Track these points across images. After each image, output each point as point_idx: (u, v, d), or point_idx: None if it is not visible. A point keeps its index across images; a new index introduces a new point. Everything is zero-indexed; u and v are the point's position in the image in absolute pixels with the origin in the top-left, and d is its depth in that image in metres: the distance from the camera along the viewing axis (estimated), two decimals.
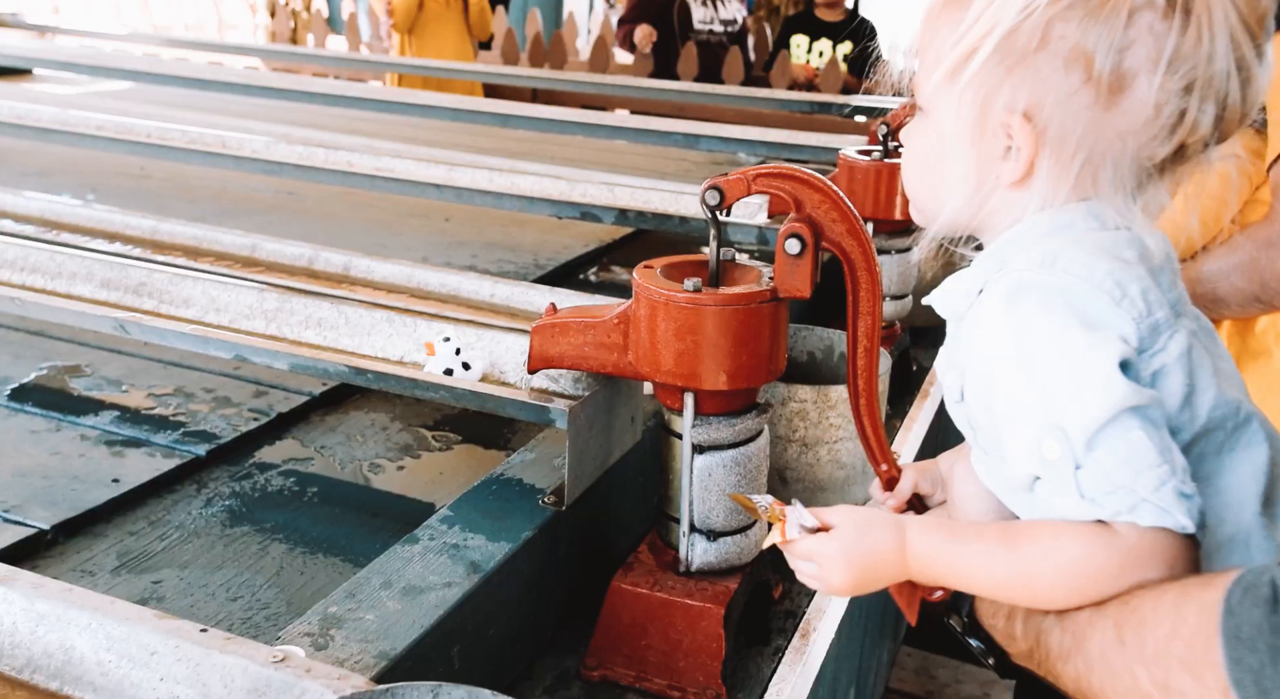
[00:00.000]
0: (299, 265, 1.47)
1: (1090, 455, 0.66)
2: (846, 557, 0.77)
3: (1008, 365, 0.70)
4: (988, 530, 0.74)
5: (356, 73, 4.61)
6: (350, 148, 2.12)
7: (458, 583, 0.87)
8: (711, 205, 0.92)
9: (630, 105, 4.13)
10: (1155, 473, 0.65)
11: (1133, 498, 0.65)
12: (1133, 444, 0.65)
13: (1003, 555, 0.71)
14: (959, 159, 0.75)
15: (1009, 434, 0.71)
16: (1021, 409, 0.69)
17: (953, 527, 0.77)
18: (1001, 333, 0.70)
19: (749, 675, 0.99)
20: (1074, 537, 0.68)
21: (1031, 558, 0.69)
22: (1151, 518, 0.65)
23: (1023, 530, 0.71)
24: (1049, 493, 0.69)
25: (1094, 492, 0.66)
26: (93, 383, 1.47)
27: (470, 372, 1.15)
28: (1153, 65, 0.67)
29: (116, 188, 2.46)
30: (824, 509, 0.80)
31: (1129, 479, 0.65)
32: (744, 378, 0.93)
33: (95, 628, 0.70)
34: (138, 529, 1.15)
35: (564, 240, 2.24)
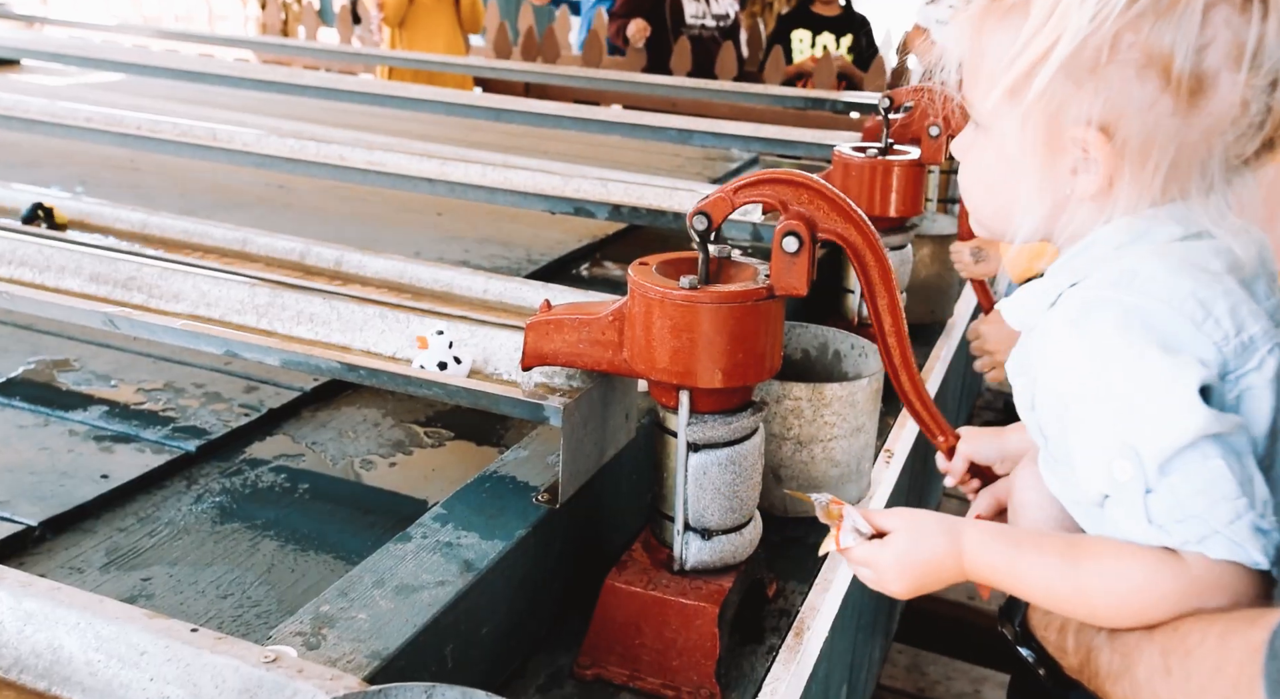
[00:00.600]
0: (290, 259, 1.46)
1: (1163, 480, 0.64)
2: (902, 564, 0.76)
3: (1082, 381, 0.68)
4: (1049, 542, 0.72)
5: (348, 65, 4.58)
6: (342, 141, 2.11)
7: (451, 581, 0.86)
8: (700, 231, 0.92)
9: (623, 100, 4.12)
10: (1232, 505, 0.63)
11: (1204, 528, 0.63)
12: (1211, 473, 0.63)
13: (1063, 570, 0.70)
14: (1029, 176, 0.72)
15: (1080, 449, 0.69)
16: (1094, 427, 0.67)
17: (1013, 535, 0.75)
18: (1076, 348, 0.68)
19: (743, 674, 0.99)
20: (1138, 561, 0.66)
21: (1092, 577, 0.68)
22: (1223, 551, 0.63)
23: (1086, 547, 0.70)
24: (1117, 513, 0.67)
25: (1163, 518, 0.64)
26: (81, 377, 1.46)
27: (461, 366, 1.15)
28: (1234, 62, 0.64)
29: (106, 180, 2.44)
30: (880, 513, 0.80)
31: (1203, 509, 0.63)
32: (740, 376, 0.93)
33: (84, 627, 0.69)
34: (127, 526, 1.14)
35: (557, 235, 2.23)
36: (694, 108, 3.54)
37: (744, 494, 0.98)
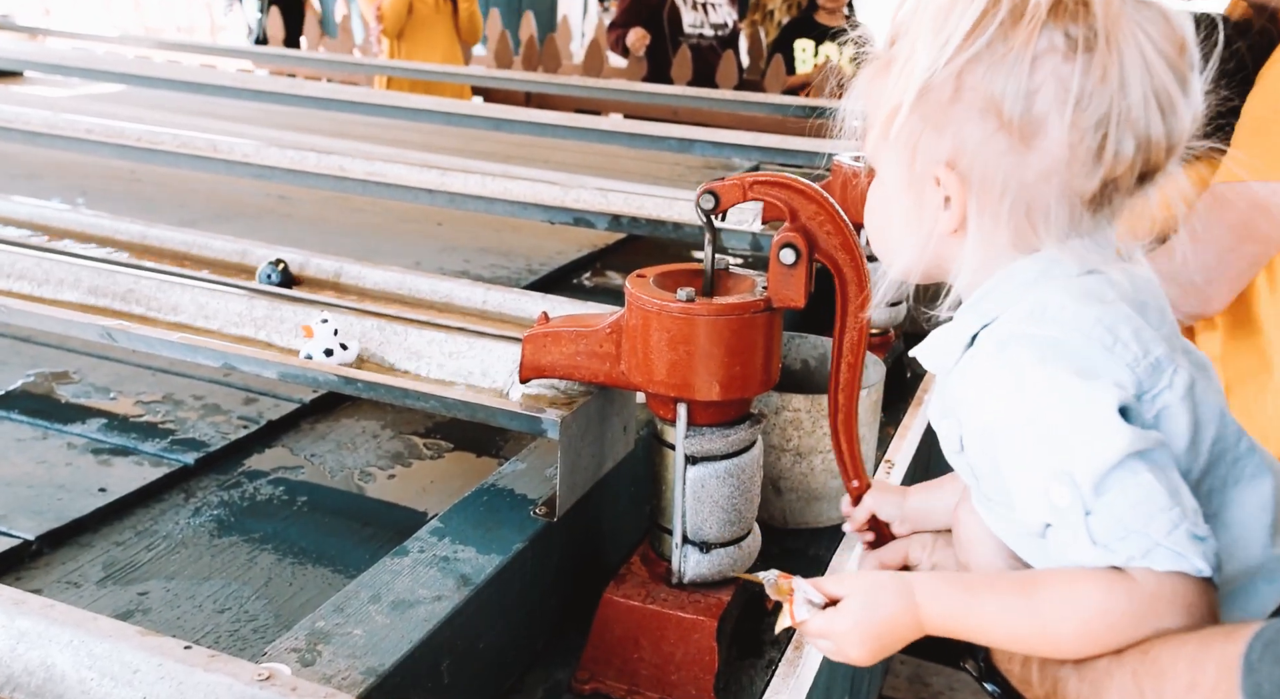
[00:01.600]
0: (291, 270, 1.46)
1: (1100, 500, 0.66)
2: (860, 631, 0.76)
3: (1008, 414, 0.70)
4: (1001, 582, 0.73)
5: (349, 76, 4.59)
6: (342, 152, 2.11)
7: (448, 596, 0.86)
8: (706, 209, 0.92)
9: (624, 109, 4.12)
10: (1167, 516, 0.65)
11: (1146, 542, 0.65)
12: (1142, 487, 0.65)
13: (1019, 607, 0.70)
14: (902, 210, 0.77)
15: (1015, 483, 0.71)
16: (1026, 458, 0.69)
17: (964, 581, 0.76)
18: (999, 383, 0.70)
19: (742, 688, 0.98)
20: (1091, 584, 0.67)
21: (1049, 607, 0.69)
22: (1167, 562, 0.65)
23: (1038, 580, 0.71)
24: (1061, 540, 0.68)
25: (1106, 537, 0.66)
26: (80, 390, 1.46)
27: (348, 352, 1.17)
28: (1061, 106, 0.68)
29: (107, 192, 2.45)
30: (831, 580, 0.79)
31: (1141, 523, 0.65)
32: (738, 388, 0.92)
33: (77, 645, 0.68)
34: (124, 539, 1.14)
35: (557, 245, 2.23)
36: (694, 117, 3.54)
37: (743, 507, 0.98)
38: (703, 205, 0.92)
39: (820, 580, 0.79)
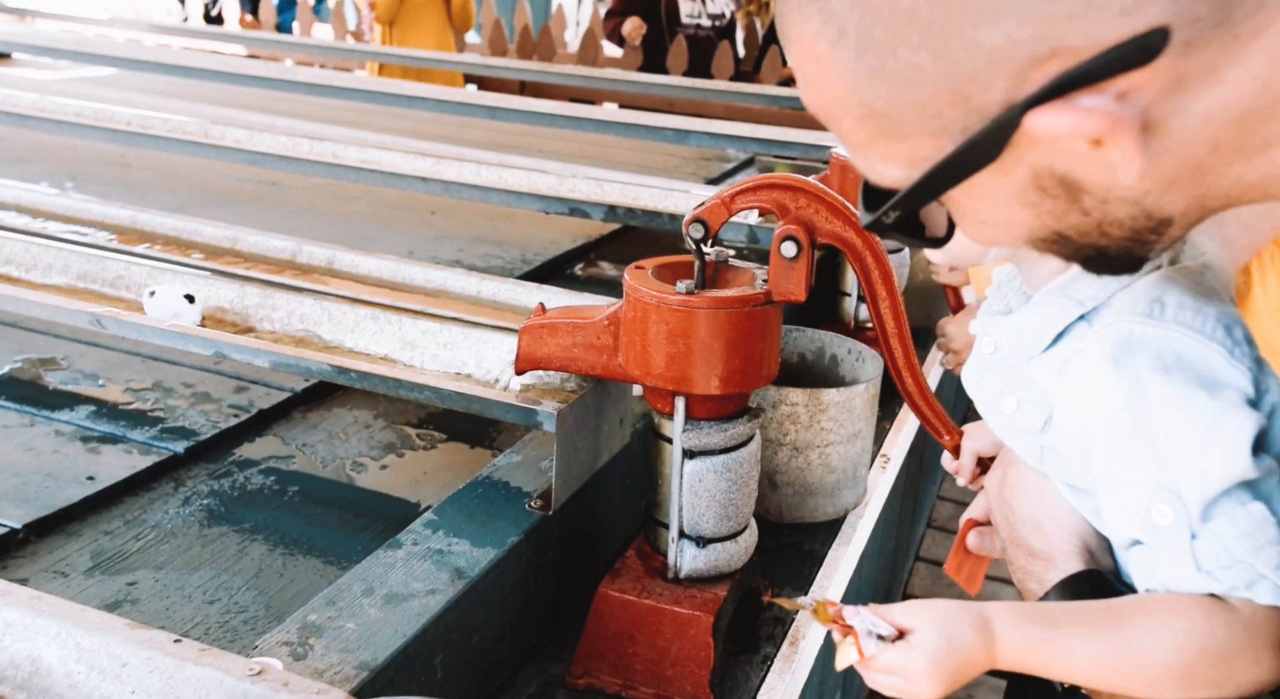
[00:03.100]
0: (282, 258, 1.44)
1: (1207, 525, 0.63)
2: (937, 668, 0.69)
3: (1118, 425, 0.66)
4: (1086, 612, 0.69)
5: (341, 62, 4.56)
6: (336, 139, 2.09)
7: (441, 590, 0.85)
8: (697, 239, 0.91)
9: (619, 99, 4.10)
10: (1277, 549, 0.62)
11: (1251, 574, 0.63)
12: (1253, 517, 0.63)
13: (1109, 636, 0.66)
14: None
15: (1110, 495, 0.68)
16: (1131, 471, 0.66)
17: (1046, 611, 0.71)
18: (1115, 389, 0.66)
19: (737, 684, 0.97)
20: (1190, 613, 0.64)
21: (1143, 636, 0.65)
22: (1269, 596, 0.63)
23: (1128, 607, 0.67)
24: (1154, 560, 0.66)
25: (1211, 564, 0.63)
26: (68, 376, 1.44)
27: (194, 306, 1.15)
28: None
29: (96, 176, 2.42)
30: (894, 609, 0.72)
31: (1249, 554, 0.63)
32: (736, 382, 0.91)
33: (64, 637, 0.67)
34: (113, 529, 1.12)
35: (551, 235, 2.22)
36: (690, 107, 3.52)
37: (740, 502, 0.97)
38: (693, 235, 0.90)
39: (884, 610, 0.71)
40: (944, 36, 0.47)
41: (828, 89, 0.53)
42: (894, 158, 0.54)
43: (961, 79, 0.48)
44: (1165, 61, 0.46)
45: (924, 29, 0.48)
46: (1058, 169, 0.51)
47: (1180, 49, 0.46)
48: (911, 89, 0.50)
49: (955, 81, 0.49)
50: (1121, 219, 0.53)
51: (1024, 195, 0.53)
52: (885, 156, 0.54)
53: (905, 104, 0.51)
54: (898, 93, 0.50)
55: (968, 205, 0.57)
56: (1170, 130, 0.49)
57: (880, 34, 0.49)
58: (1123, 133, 0.47)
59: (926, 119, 0.51)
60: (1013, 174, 0.52)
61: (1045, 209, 0.54)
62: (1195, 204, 0.53)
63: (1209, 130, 0.49)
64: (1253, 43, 0.46)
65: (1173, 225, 0.54)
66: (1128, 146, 0.48)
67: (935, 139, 0.51)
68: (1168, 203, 0.53)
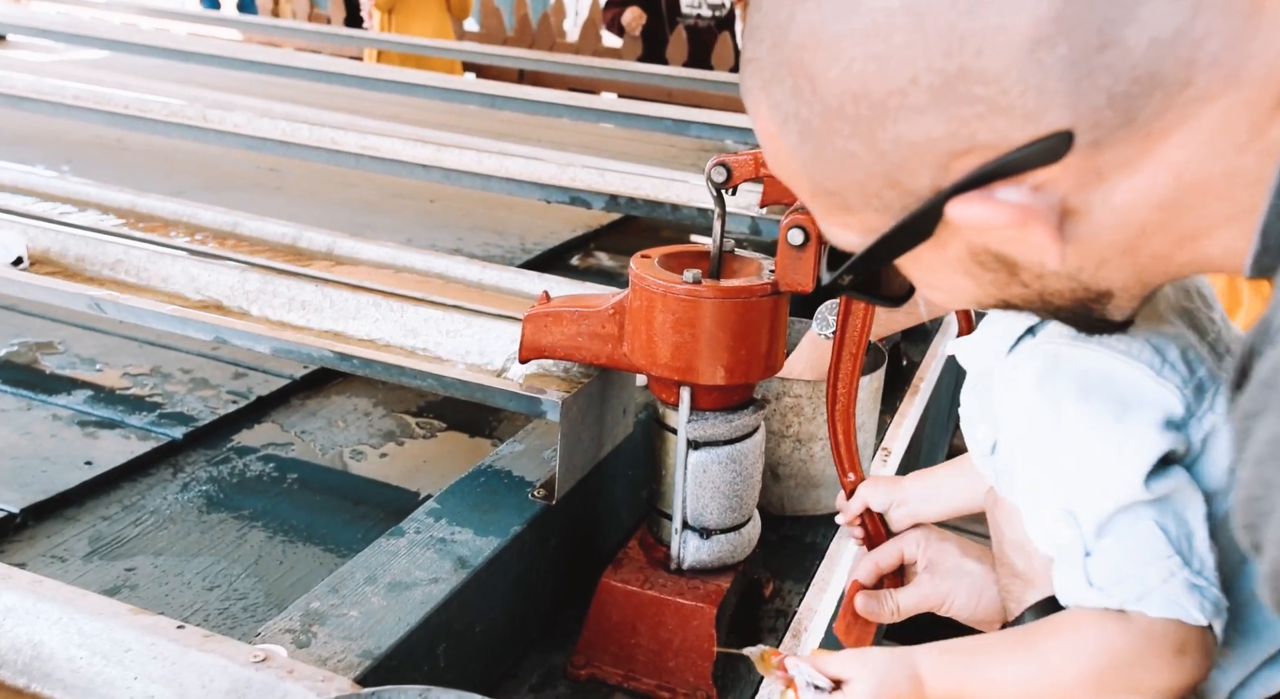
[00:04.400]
0: (282, 244, 1.43)
1: (1099, 543, 0.66)
2: None
3: (1035, 445, 0.69)
4: (1001, 641, 0.73)
5: (339, 48, 4.53)
6: (335, 125, 2.07)
7: (445, 579, 0.85)
8: (718, 183, 0.89)
9: (618, 89, 4.08)
10: (1165, 564, 0.65)
11: (1140, 588, 0.65)
12: (1141, 534, 0.65)
13: (1024, 658, 0.70)
14: None
15: (1027, 514, 0.71)
16: (1040, 490, 0.69)
17: (962, 645, 0.75)
18: (1034, 411, 0.69)
19: (739, 676, 0.97)
20: (1091, 625, 0.67)
21: (1053, 654, 0.69)
22: (1160, 609, 0.65)
23: (1039, 629, 0.71)
24: (1061, 575, 0.69)
25: (1102, 580, 0.66)
26: (65, 360, 1.43)
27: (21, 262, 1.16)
28: None
29: (93, 159, 2.40)
30: (826, 659, 0.76)
31: (1136, 569, 0.65)
32: (742, 373, 0.91)
33: (66, 622, 0.67)
34: (111, 514, 1.11)
35: (551, 225, 2.21)
36: (689, 98, 3.51)
37: (744, 493, 0.97)
38: (714, 178, 0.90)
39: (819, 661, 0.76)
40: (870, 130, 0.51)
41: (783, 165, 0.58)
42: (848, 227, 0.58)
43: (891, 166, 0.52)
44: (1075, 159, 0.49)
45: (853, 123, 0.52)
46: (991, 247, 0.55)
47: (1088, 148, 0.49)
48: (848, 173, 0.54)
49: (885, 168, 0.52)
50: (1060, 291, 0.57)
51: (964, 267, 0.57)
52: (840, 224, 0.59)
53: (846, 185, 0.55)
54: (838, 175, 0.55)
55: (915, 272, 0.61)
56: (1093, 216, 0.52)
57: (816, 125, 0.53)
58: (1035, 225, 0.51)
59: (868, 197, 0.55)
60: (950, 249, 0.56)
61: (986, 281, 0.58)
62: (1134, 279, 0.57)
63: (1134, 216, 0.52)
64: (1163, 141, 0.49)
65: (1114, 297, 0.58)
66: (1043, 236, 0.52)
67: (879, 214, 0.55)
68: (1103, 278, 0.56)
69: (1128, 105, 0.47)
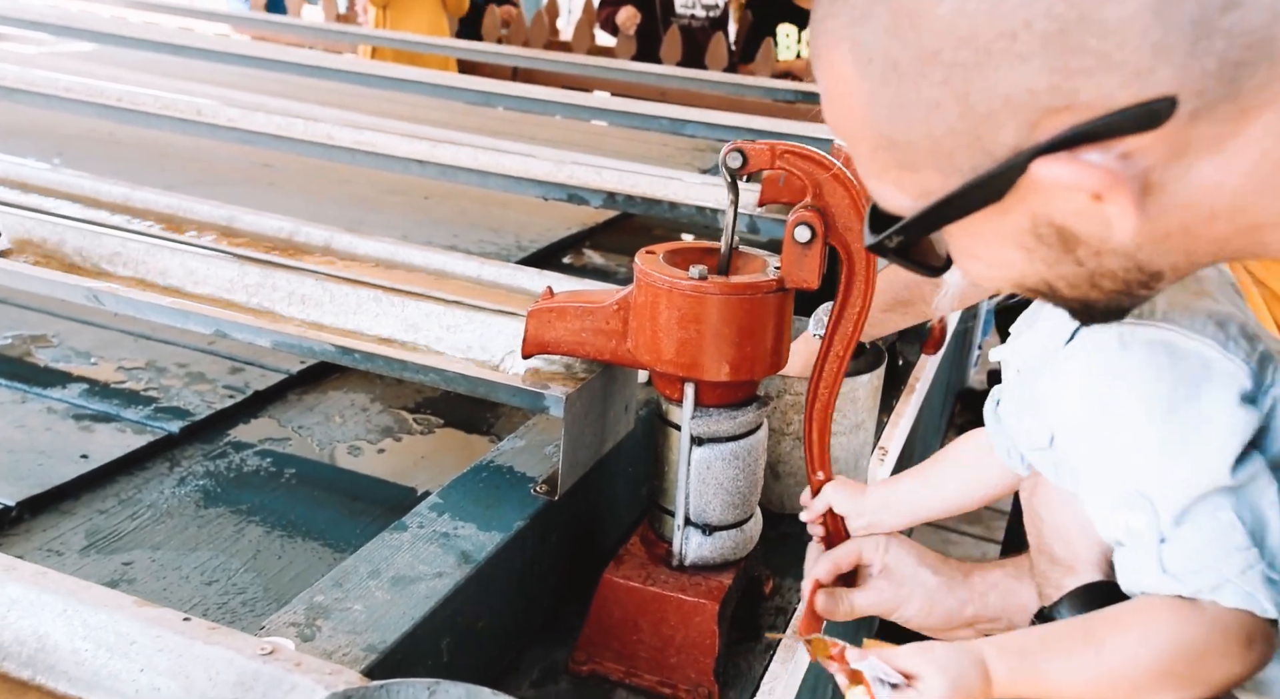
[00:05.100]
0: (279, 238, 1.42)
1: (1177, 531, 0.65)
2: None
3: (1105, 429, 0.68)
4: (1065, 631, 0.73)
5: (332, 44, 4.51)
6: (330, 120, 2.06)
7: (449, 573, 0.84)
8: (733, 169, 0.89)
9: (612, 87, 4.08)
10: (1243, 556, 0.64)
11: (1217, 578, 0.64)
12: (1221, 524, 0.64)
13: (1090, 650, 0.69)
14: None
15: (1093, 494, 0.70)
16: (1109, 473, 0.68)
17: (1028, 637, 0.75)
18: (1104, 394, 0.68)
19: (740, 672, 0.97)
20: (1160, 615, 0.67)
21: (1117, 645, 0.68)
22: (1235, 600, 0.64)
23: (1105, 619, 0.70)
24: (1130, 562, 0.68)
25: (1177, 568, 0.65)
26: (60, 354, 1.42)
27: None
28: None
29: (84, 152, 2.38)
30: (897, 654, 0.75)
31: (1215, 559, 0.64)
32: (747, 370, 0.91)
33: (70, 614, 0.66)
34: (108, 507, 1.11)
35: (546, 222, 2.20)
36: (683, 98, 3.51)
37: (746, 490, 0.97)
38: (729, 164, 0.88)
39: (890, 656, 0.74)
40: (965, 78, 0.49)
41: (849, 113, 0.55)
42: (903, 187, 0.56)
43: (976, 120, 0.50)
44: (1170, 128, 0.48)
45: (948, 69, 0.49)
46: (1055, 219, 0.53)
47: (1186, 118, 0.48)
48: (927, 125, 0.52)
49: (970, 122, 0.50)
50: (1114, 271, 0.56)
51: (1020, 239, 0.55)
52: (895, 184, 0.56)
53: (920, 138, 0.53)
54: (914, 126, 0.52)
55: (965, 242, 0.59)
56: (1169, 194, 0.51)
57: (906, 68, 0.51)
58: (1121, 192, 0.49)
59: (938, 155, 0.53)
60: (1012, 217, 0.54)
61: (1039, 255, 0.56)
62: (1186, 259, 0.56)
63: (1210, 197, 0.51)
64: (1256, 120, 0.48)
65: (1163, 278, 0.57)
66: (1125, 205, 0.50)
67: (944, 175, 0.53)
68: (1160, 257, 0.55)
69: (1235, 74, 0.46)
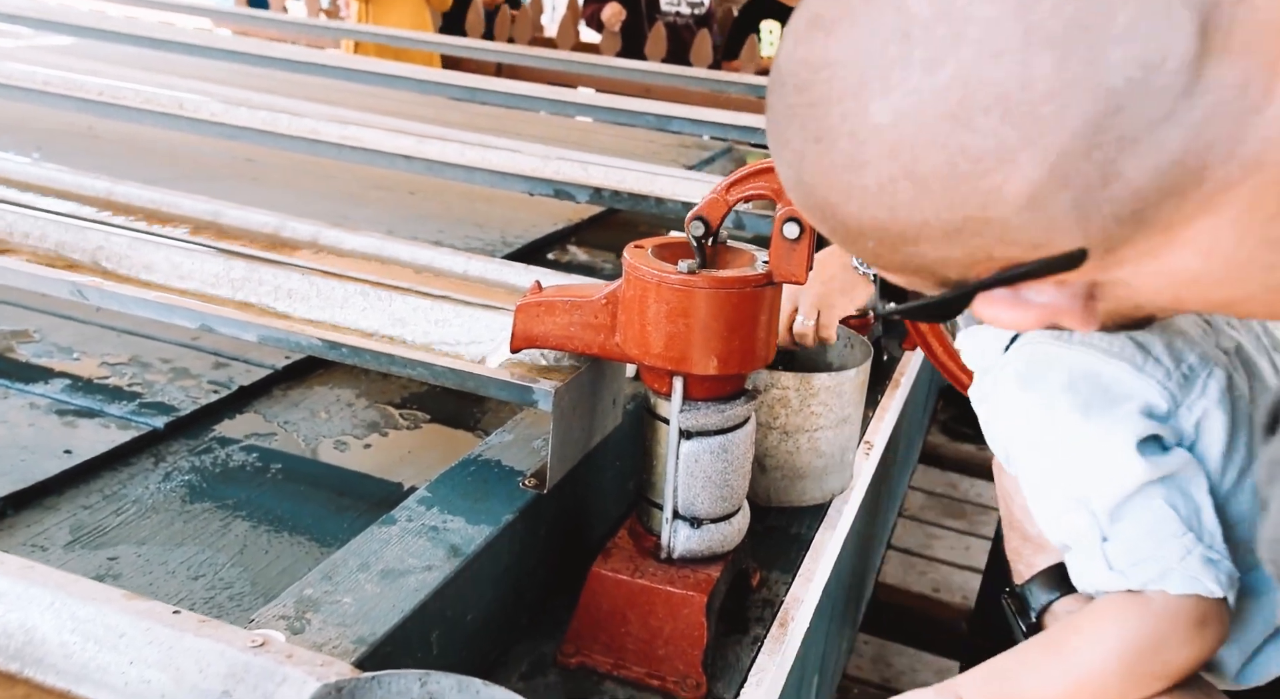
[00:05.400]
0: (264, 233, 1.41)
1: (1115, 527, 0.68)
2: None
3: (1031, 443, 0.72)
4: (1034, 644, 0.75)
5: (315, 39, 4.48)
6: (315, 115, 2.05)
7: (438, 566, 0.84)
8: (698, 236, 0.92)
9: (596, 84, 4.08)
10: (1180, 542, 0.67)
11: (1159, 567, 0.67)
12: (1155, 514, 0.67)
13: (1054, 664, 0.72)
14: None
15: (1035, 506, 0.73)
16: (1046, 483, 0.71)
17: (997, 665, 0.77)
18: (1026, 408, 0.72)
19: (728, 664, 0.98)
20: (1109, 614, 0.69)
21: (1081, 651, 0.70)
22: (1180, 586, 0.66)
23: (1066, 628, 0.73)
24: (1078, 563, 0.71)
25: (1121, 563, 0.68)
26: (41, 349, 1.41)
27: None
28: None
29: (64, 147, 2.36)
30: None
31: (1153, 549, 0.67)
32: (735, 363, 0.91)
33: (59, 607, 0.66)
34: (92, 503, 1.10)
35: (532, 218, 2.20)
36: (668, 95, 3.51)
37: (735, 483, 0.97)
38: (694, 233, 0.92)
39: None
40: (892, 247, 0.54)
41: None
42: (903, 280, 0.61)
43: (916, 268, 0.55)
44: (1092, 263, 0.50)
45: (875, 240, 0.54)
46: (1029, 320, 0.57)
47: (1103, 255, 0.50)
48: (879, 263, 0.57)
49: (912, 269, 0.56)
50: (1102, 321, 0.59)
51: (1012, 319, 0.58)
52: None
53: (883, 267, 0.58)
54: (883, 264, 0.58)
55: None
56: (1123, 286, 0.53)
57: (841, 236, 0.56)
58: (1063, 316, 0.53)
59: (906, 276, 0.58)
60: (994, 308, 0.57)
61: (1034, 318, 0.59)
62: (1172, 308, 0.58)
63: (1165, 290, 0.53)
64: (1186, 229, 0.49)
65: (1155, 319, 0.59)
66: (1072, 321, 0.54)
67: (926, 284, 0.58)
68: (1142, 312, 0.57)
69: (1139, 218, 0.48)
